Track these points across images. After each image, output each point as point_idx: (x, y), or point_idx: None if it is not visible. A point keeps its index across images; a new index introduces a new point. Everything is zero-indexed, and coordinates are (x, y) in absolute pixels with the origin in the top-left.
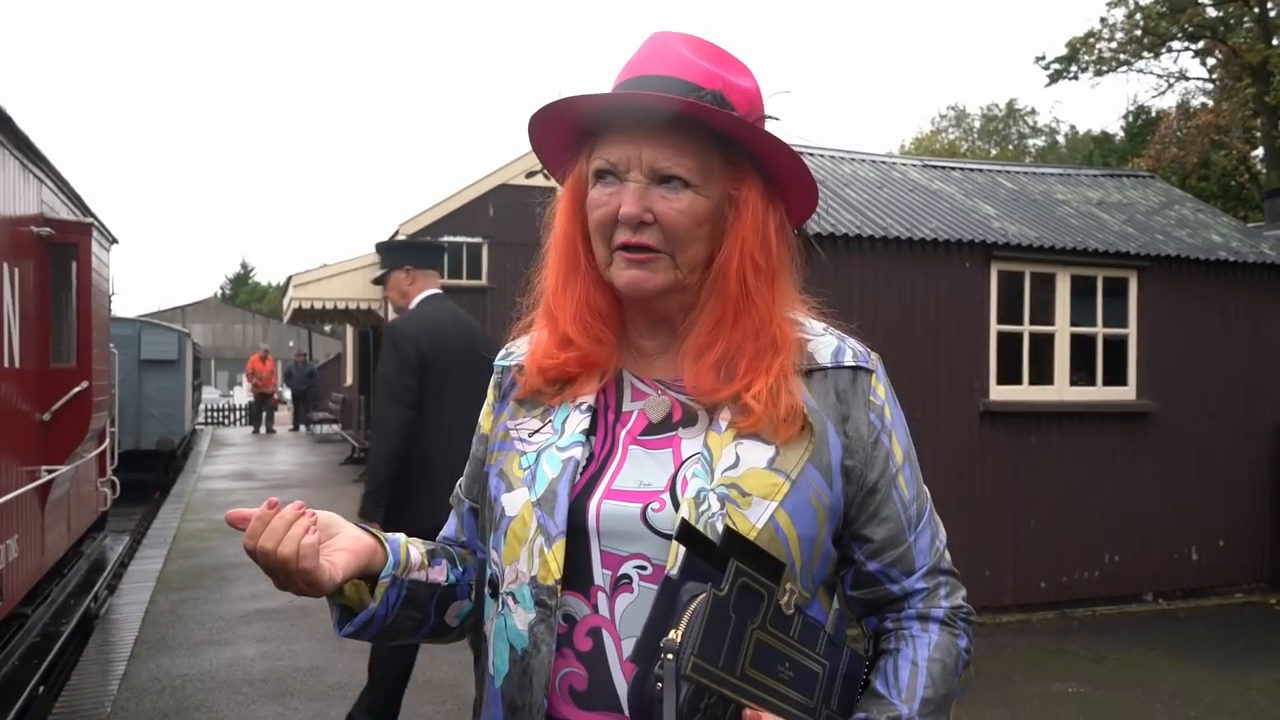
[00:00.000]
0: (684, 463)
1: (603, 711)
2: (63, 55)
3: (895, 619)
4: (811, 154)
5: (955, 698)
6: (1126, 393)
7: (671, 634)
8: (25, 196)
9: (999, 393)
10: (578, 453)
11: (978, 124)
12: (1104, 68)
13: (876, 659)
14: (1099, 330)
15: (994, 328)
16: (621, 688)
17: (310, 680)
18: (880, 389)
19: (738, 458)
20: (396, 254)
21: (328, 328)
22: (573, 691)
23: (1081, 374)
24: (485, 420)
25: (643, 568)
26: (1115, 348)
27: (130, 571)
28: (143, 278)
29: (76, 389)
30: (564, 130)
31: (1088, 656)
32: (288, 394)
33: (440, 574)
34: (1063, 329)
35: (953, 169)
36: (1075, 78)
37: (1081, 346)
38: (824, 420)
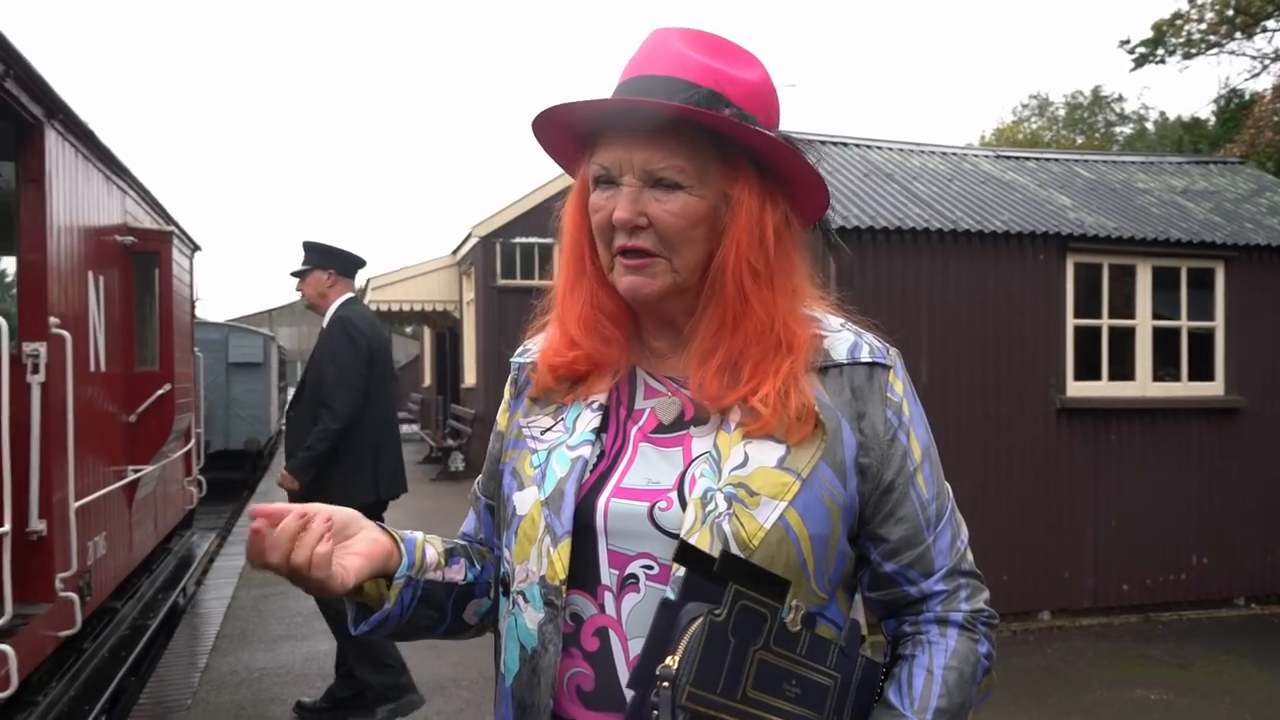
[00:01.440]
0: (693, 461)
1: (609, 712)
2: (157, 71)
3: (914, 622)
4: (880, 147)
5: (972, 706)
6: (1214, 388)
7: (669, 660)
8: (109, 207)
9: (1076, 389)
10: (586, 451)
11: (1062, 113)
12: (1193, 50)
13: (894, 664)
14: (1183, 324)
15: (1070, 322)
16: (628, 689)
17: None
18: (898, 385)
19: (747, 456)
20: (323, 256)
21: (409, 329)
22: (580, 691)
23: (1165, 369)
24: (502, 417)
25: (649, 568)
26: (1201, 342)
27: (215, 567)
28: (231, 283)
29: (160, 391)
30: (567, 134)
31: (1172, 662)
32: None
33: (458, 573)
34: (1144, 323)
35: (1027, 159)
36: (1162, 61)
37: (1164, 340)
38: (838, 417)
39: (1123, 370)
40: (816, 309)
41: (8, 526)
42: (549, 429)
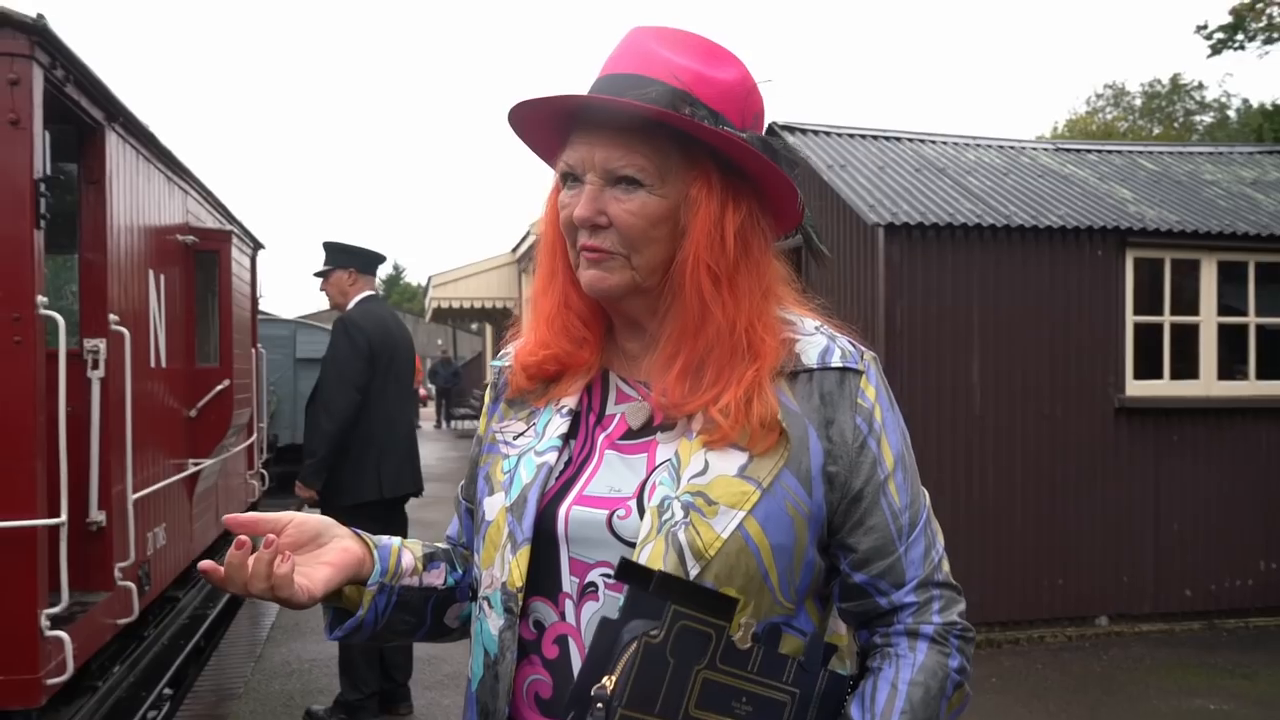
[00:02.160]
0: (655, 469)
1: None
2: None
3: (884, 634)
4: (934, 141)
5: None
6: None
7: (605, 680)
8: (170, 207)
9: (1136, 388)
10: (551, 458)
11: (1139, 102)
12: (1275, 34)
13: (862, 677)
14: (1251, 320)
15: (1130, 319)
16: None
17: (427, 669)
18: (870, 391)
19: (707, 464)
20: (343, 255)
21: (474, 326)
22: (538, 699)
23: (1233, 367)
24: (482, 422)
25: (608, 576)
26: (1272, 338)
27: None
28: (301, 281)
29: (219, 387)
30: (543, 130)
31: (1237, 672)
32: (433, 390)
33: (437, 577)
34: (1209, 319)
35: (1089, 151)
36: (1241, 48)
37: (1231, 337)
38: (805, 424)
39: (1186, 368)
40: (793, 312)
41: (64, 517)
42: (521, 434)
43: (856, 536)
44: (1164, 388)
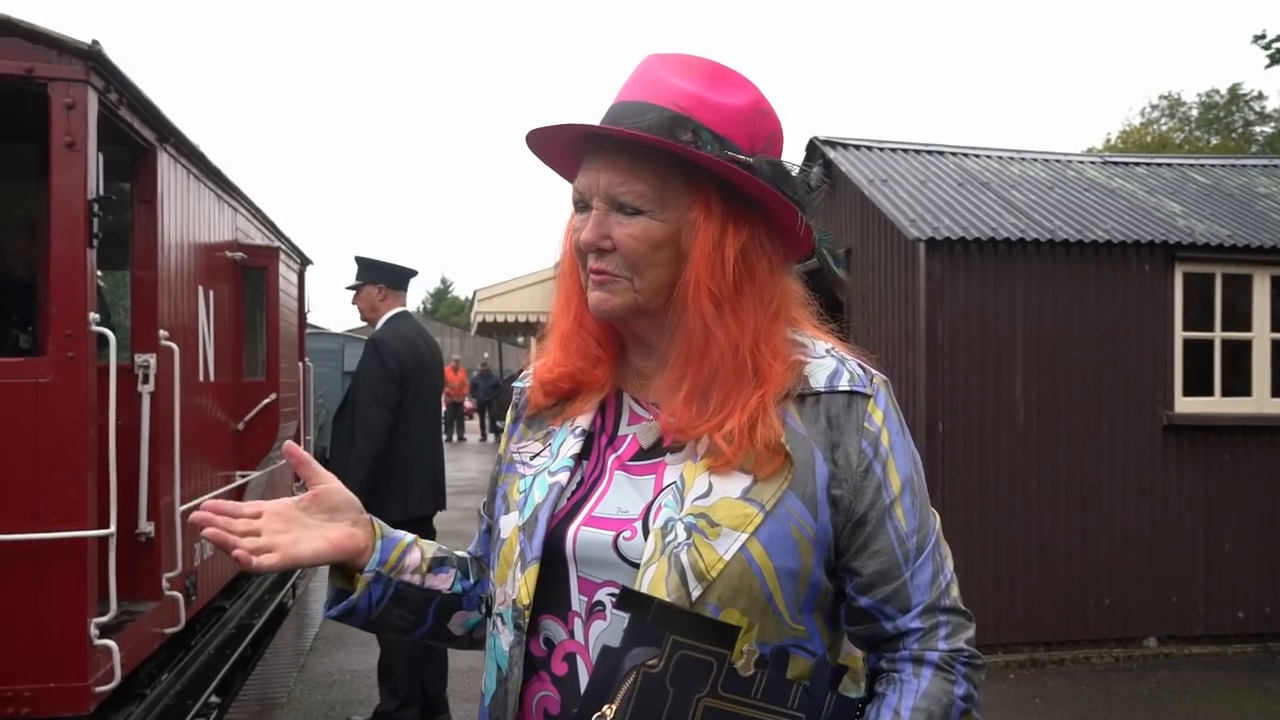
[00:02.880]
0: (662, 491)
1: None
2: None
3: (890, 659)
4: (978, 155)
5: None
6: None
7: (605, 709)
8: (220, 224)
9: (1186, 405)
10: (564, 478)
11: (1195, 113)
12: None
13: (868, 702)
14: None
15: (1179, 335)
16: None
17: (467, 681)
18: (877, 415)
19: (711, 486)
20: (373, 271)
21: (519, 339)
22: (547, 715)
23: None
24: (503, 441)
25: (615, 595)
26: None
27: (322, 570)
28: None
29: (266, 400)
30: (561, 153)
31: None
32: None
33: (443, 581)
34: (1262, 335)
35: (1137, 164)
36: None
37: None
38: (811, 447)
39: (1238, 385)
40: (806, 334)
41: (113, 528)
42: (537, 454)
43: (861, 560)
44: (1215, 405)
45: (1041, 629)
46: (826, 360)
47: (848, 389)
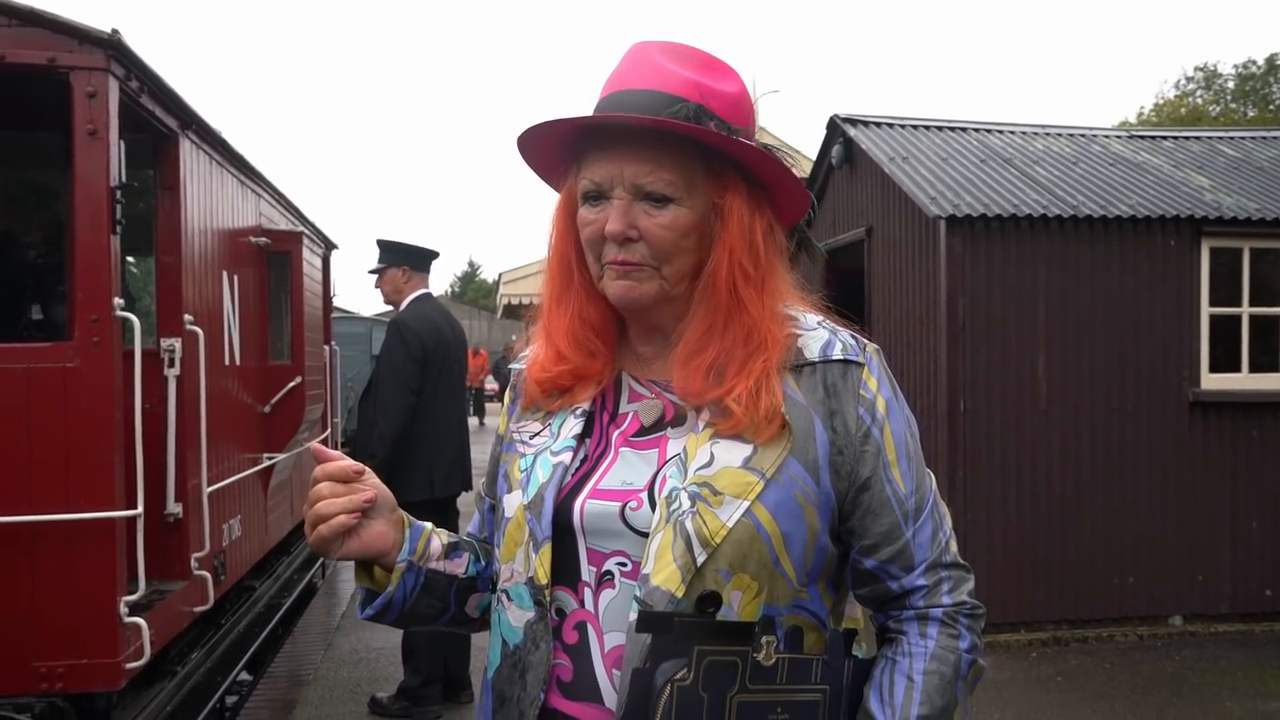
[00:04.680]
0: (666, 463)
1: (586, 702)
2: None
3: (897, 619)
4: (1000, 131)
5: (960, 701)
6: None
7: None
8: (244, 210)
9: (1212, 381)
10: (567, 457)
11: (1231, 84)
12: None
13: (879, 663)
14: None
15: (1205, 310)
16: (603, 680)
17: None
18: (872, 382)
19: (713, 456)
20: (396, 253)
21: None
22: (560, 682)
23: None
24: (501, 421)
25: (623, 564)
26: None
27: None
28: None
29: (291, 384)
30: (553, 149)
31: None
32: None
33: (459, 566)
34: None
35: (1164, 138)
36: None
37: None
38: (810, 415)
39: (1267, 361)
40: (796, 307)
41: (141, 509)
42: (537, 434)
43: (866, 523)
44: (1242, 381)
45: (1064, 607)
46: (819, 331)
47: (841, 358)
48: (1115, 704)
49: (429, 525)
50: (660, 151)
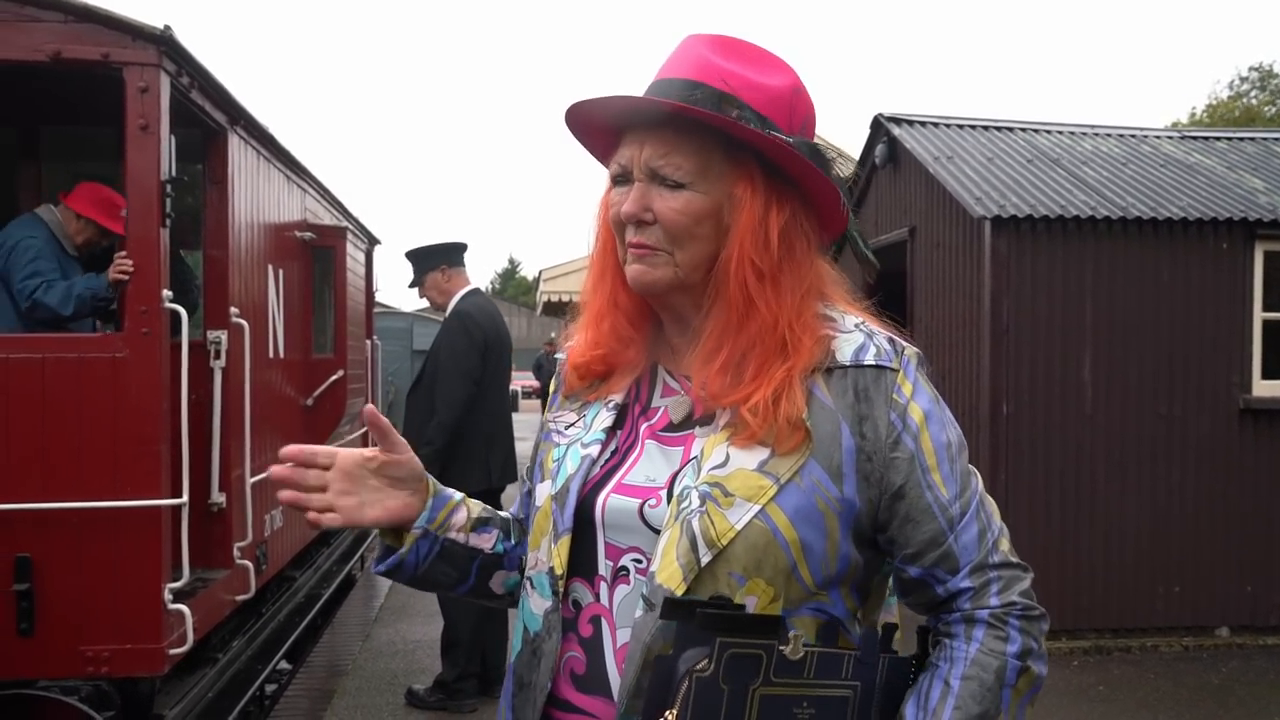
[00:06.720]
0: (689, 461)
1: (597, 695)
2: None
3: (945, 622)
4: (1048, 131)
5: (1005, 710)
6: None
7: (667, 714)
8: (289, 205)
9: (1265, 388)
10: (595, 450)
11: None
12: None
13: (924, 667)
14: None
15: (1259, 315)
16: (614, 675)
17: None
18: (906, 387)
19: (728, 457)
20: (429, 257)
21: None
22: (573, 674)
23: None
24: (546, 409)
25: (638, 561)
26: None
27: None
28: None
29: (334, 377)
30: (603, 134)
31: None
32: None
33: (485, 541)
34: None
35: (1217, 139)
36: None
37: None
38: (838, 420)
39: None
40: (837, 308)
41: (185, 498)
42: (572, 424)
43: (906, 532)
44: None
45: (1108, 615)
46: (854, 334)
47: (874, 363)
48: (1159, 715)
49: (458, 496)
50: (680, 136)
